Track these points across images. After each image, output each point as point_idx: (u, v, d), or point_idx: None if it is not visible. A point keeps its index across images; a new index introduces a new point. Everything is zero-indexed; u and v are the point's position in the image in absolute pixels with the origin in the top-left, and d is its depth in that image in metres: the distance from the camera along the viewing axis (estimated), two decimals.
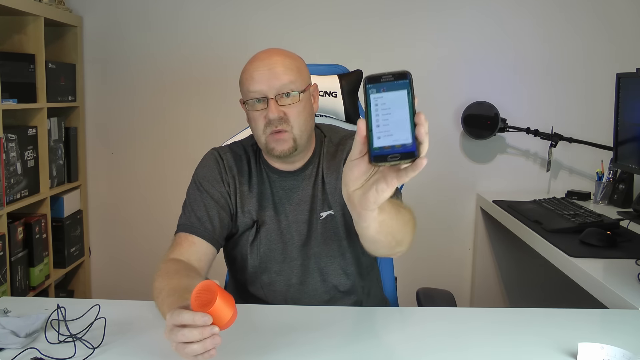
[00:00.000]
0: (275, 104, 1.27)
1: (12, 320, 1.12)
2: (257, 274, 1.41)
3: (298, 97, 1.29)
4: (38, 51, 2.38)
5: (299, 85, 1.30)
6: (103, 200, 2.89)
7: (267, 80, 1.27)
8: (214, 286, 0.95)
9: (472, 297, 2.85)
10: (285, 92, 1.28)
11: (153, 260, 1.28)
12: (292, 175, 1.39)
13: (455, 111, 2.77)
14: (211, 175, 1.39)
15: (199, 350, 0.93)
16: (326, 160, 1.40)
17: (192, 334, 0.92)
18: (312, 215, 1.39)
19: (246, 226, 1.39)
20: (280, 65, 1.29)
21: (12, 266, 2.20)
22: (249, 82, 1.29)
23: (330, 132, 1.46)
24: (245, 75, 1.31)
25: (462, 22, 2.73)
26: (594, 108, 2.74)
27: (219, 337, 0.94)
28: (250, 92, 1.29)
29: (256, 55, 1.33)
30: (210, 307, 0.93)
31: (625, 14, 2.70)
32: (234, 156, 1.42)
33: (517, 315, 1.32)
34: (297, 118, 1.30)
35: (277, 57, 1.31)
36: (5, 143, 2.17)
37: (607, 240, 1.74)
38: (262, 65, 1.29)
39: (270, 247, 1.39)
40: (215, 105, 2.80)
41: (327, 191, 1.38)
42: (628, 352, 0.98)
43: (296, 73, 1.30)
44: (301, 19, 2.74)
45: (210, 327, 0.92)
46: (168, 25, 2.77)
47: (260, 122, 1.30)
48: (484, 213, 2.73)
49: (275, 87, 1.27)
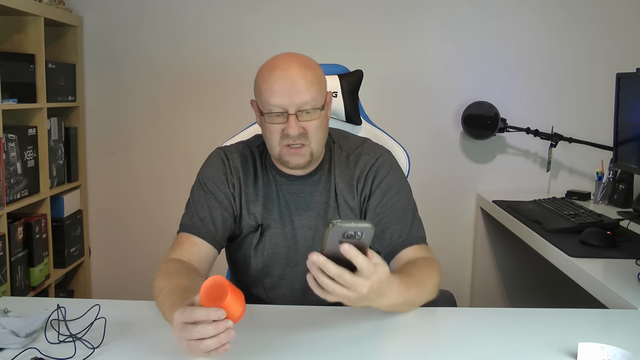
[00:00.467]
0: (295, 120, 1.25)
1: (12, 320, 1.12)
2: (260, 277, 1.41)
3: (318, 114, 1.27)
4: (38, 51, 2.38)
5: (320, 102, 1.28)
6: (103, 200, 2.89)
7: (288, 95, 1.24)
8: (224, 281, 0.95)
9: (472, 297, 2.85)
10: (306, 110, 1.26)
11: (153, 260, 1.28)
12: (301, 180, 1.38)
13: (455, 111, 2.77)
14: (216, 176, 1.38)
15: (214, 345, 0.93)
16: (337, 168, 1.39)
17: (206, 329, 0.92)
18: (320, 222, 1.38)
19: (250, 229, 1.38)
20: (302, 79, 1.25)
21: (12, 266, 2.20)
22: (269, 94, 1.25)
23: (339, 138, 1.45)
24: (264, 85, 1.26)
25: (462, 21, 2.73)
26: (594, 108, 2.74)
27: (233, 331, 0.94)
28: (270, 106, 1.25)
29: (276, 63, 1.27)
30: (223, 302, 0.92)
31: (626, 14, 2.70)
32: (241, 157, 1.40)
33: (517, 315, 1.32)
34: (315, 133, 1.28)
35: (298, 68, 1.25)
36: (5, 143, 2.17)
37: (607, 240, 1.74)
38: (283, 77, 1.24)
39: (274, 251, 1.38)
40: (215, 105, 2.80)
41: (339, 202, 1.37)
42: (628, 352, 0.98)
43: (317, 88, 1.27)
44: (301, 19, 2.74)
45: (224, 321, 0.92)
46: (168, 25, 2.77)
47: (277, 134, 1.28)
48: (484, 213, 2.73)
49: (296, 103, 1.24)
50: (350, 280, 0.96)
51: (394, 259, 1.33)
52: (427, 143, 2.79)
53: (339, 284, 0.96)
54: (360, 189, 1.38)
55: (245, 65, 2.73)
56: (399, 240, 1.32)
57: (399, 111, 2.79)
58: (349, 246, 0.94)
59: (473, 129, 2.69)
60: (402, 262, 1.30)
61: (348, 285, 0.96)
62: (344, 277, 0.95)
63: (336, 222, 0.92)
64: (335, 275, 0.95)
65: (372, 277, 0.98)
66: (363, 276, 0.97)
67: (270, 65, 1.28)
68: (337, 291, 0.97)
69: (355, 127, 1.70)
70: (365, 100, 1.82)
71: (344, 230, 0.93)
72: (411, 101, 2.78)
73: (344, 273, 0.95)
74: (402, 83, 2.77)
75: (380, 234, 1.34)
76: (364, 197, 1.38)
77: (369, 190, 1.37)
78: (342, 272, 0.95)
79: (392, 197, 1.36)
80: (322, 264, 0.94)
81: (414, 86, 2.77)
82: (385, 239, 1.33)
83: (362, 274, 0.96)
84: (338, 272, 0.95)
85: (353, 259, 0.95)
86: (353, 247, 0.94)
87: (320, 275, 0.96)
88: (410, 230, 1.34)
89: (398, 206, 1.35)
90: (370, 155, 1.40)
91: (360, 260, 0.95)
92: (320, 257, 0.94)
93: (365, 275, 0.97)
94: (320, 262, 0.94)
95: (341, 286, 0.96)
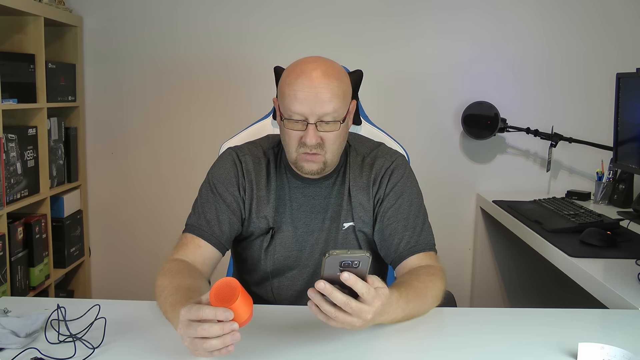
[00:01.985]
0: (314, 129, 1.25)
1: (12, 320, 1.12)
2: (269, 279, 1.40)
3: (338, 126, 1.27)
4: (38, 51, 2.38)
5: (341, 114, 1.27)
6: (103, 200, 2.89)
7: (310, 105, 1.23)
8: (235, 283, 0.94)
9: (472, 297, 2.86)
10: (326, 121, 1.25)
11: (153, 260, 1.29)
12: (315, 183, 1.38)
13: (455, 111, 2.77)
14: (226, 178, 1.37)
15: (218, 346, 0.93)
16: (352, 171, 1.39)
17: (212, 329, 0.92)
18: (333, 224, 1.38)
19: (261, 231, 1.38)
20: (327, 90, 1.23)
21: (12, 266, 2.20)
22: (292, 100, 1.24)
23: (354, 142, 1.44)
24: (288, 91, 1.25)
25: (462, 22, 2.73)
26: (594, 108, 2.74)
27: (238, 333, 0.93)
28: (292, 112, 1.25)
29: (303, 69, 1.25)
30: (232, 304, 0.92)
31: (625, 14, 2.70)
32: (253, 159, 1.39)
33: (517, 315, 1.32)
34: (332, 144, 1.28)
35: (324, 79, 1.23)
36: (5, 143, 2.17)
37: (607, 240, 1.74)
38: (308, 86, 1.23)
39: (284, 254, 1.38)
40: (215, 105, 2.80)
41: (352, 204, 1.37)
42: (628, 352, 0.98)
43: (341, 100, 1.26)
44: (302, 19, 2.73)
45: (230, 322, 0.92)
46: (168, 25, 2.77)
47: (295, 140, 1.28)
48: (484, 213, 2.73)
49: (317, 114, 1.24)
50: (356, 308, 0.96)
51: (400, 265, 1.33)
52: (427, 143, 2.79)
53: (344, 311, 0.96)
54: (375, 192, 1.38)
55: (246, 65, 2.75)
56: (407, 247, 1.32)
57: (399, 111, 2.79)
58: (348, 274, 0.94)
59: (473, 129, 2.69)
60: (407, 269, 1.30)
61: (354, 312, 0.96)
62: (350, 305, 0.96)
63: (332, 252, 0.93)
64: (342, 303, 0.95)
65: (375, 303, 0.98)
66: (367, 303, 0.97)
67: (297, 70, 1.26)
68: (340, 318, 0.97)
69: (355, 127, 1.70)
70: (365, 100, 1.82)
71: (341, 260, 0.94)
72: (411, 101, 2.78)
73: (350, 301, 0.96)
74: (402, 83, 2.77)
75: (389, 239, 1.34)
76: (378, 200, 1.38)
77: (383, 193, 1.37)
78: (349, 300, 0.95)
79: (404, 202, 1.36)
80: (328, 292, 0.94)
81: (414, 86, 2.77)
82: (393, 245, 1.34)
83: (365, 300, 0.97)
84: (344, 300, 0.95)
85: (353, 286, 0.95)
86: (353, 275, 0.94)
87: (323, 304, 0.96)
88: (419, 237, 1.34)
89: (409, 212, 1.35)
90: (385, 159, 1.40)
91: (361, 287, 0.95)
92: (327, 285, 0.94)
93: (368, 301, 0.97)
94: (327, 290, 0.94)
95: (345, 313, 0.97)
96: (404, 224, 1.34)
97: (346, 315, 0.97)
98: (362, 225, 1.38)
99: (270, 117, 1.72)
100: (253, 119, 1.75)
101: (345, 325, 0.99)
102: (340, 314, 0.97)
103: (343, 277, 0.94)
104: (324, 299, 0.96)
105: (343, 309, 0.96)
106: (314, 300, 0.97)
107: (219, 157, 1.43)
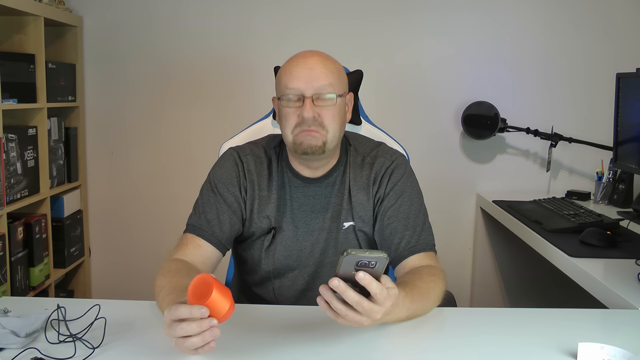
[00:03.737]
0: (311, 103, 1.26)
1: (12, 320, 1.12)
2: (270, 279, 1.40)
3: (335, 100, 1.28)
4: (38, 51, 2.38)
5: (337, 89, 1.28)
6: (103, 200, 2.89)
7: (306, 79, 1.26)
8: (209, 279, 0.95)
9: (472, 297, 2.86)
10: (323, 97, 1.26)
11: (153, 260, 1.29)
12: (315, 182, 1.38)
13: (455, 111, 2.77)
14: (227, 178, 1.37)
15: (199, 344, 0.94)
16: (352, 170, 1.39)
17: (190, 327, 0.93)
18: (333, 224, 1.38)
19: (262, 231, 1.38)
20: (321, 66, 1.27)
21: (12, 266, 2.20)
22: (287, 78, 1.27)
23: (354, 141, 1.45)
24: (283, 71, 1.30)
25: (462, 21, 2.73)
26: (594, 108, 2.74)
27: (217, 329, 0.94)
28: (288, 89, 1.27)
29: (298, 54, 1.32)
30: (207, 300, 0.93)
31: (625, 14, 2.70)
32: (255, 159, 1.39)
33: (517, 315, 1.32)
34: (331, 122, 1.28)
35: (318, 57, 1.30)
36: (5, 143, 2.17)
37: (607, 240, 1.74)
38: (302, 63, 1.28)
39: (285, 254, 1.38)
40: (215, 106, 2.80)
41: (353, 203, 1.37)
42: (628, 352, 0.98)
43: (336, 76, 1.29)
44: (302, 19, 2.74)
45: (208, 319, 0.93)
46: (168, 25, 2.77)
47: (292, 119, 1.28)
48: (484, 213, 2.73)
49: (313, 86, 1.26)
50: (367, 307, 0.96)
51: (399, 264, 1.33)
52: (427, 143, 2.79)
53: (354, 310, 0.96)
54: (375, 191, 1.38)
55: (247, 65, 2.75)
56: (407, 247, 1.32)
57: (399, 111, 2.79)
58: (364, 274, 0.94)
59: (473, 129, 2.69)
60: (407, 269, 1.30)
61: (364, 312, 0.96)
62: (362, 304, 0.96)
63: (351, 251, 0.92)
64: (354, 303, 0.95)
65: (386, 303, 0.98)
66: (378, 303, 0.97)
67: (292, 57, 1.32)
68: (350, 317, 0.97)
69: (355, 127, 1.70)
70: (365, 100, 1.82)
71: (359, 259, 0.93)
72: (411, 101, 2.78)
73: (362, 300, 0.95)
74: (402, 83, 2.77)
75: (389, 238, 1.34)
76: (379, 199, 1.38)
77: (383, 192, 1.37)
78: (361, 300, 0.95)
79: (404, 201, 1.36)
80: (342, 290, 0.94)
81: (414, 86, 2.77)
82: (393, 244, 1.34)
83: (376, 300, 0.97)
84: (357, 299, 0.95)
85: (367, 286, 0.95)
86: (368, 275, 0.94)
87: (334, 301, 0.96)
88: (420, 236, 1.34)
89: (409, 211, 1.35)
90: (386, 158, 1.40)
91: (375, 287, 0.95)
92: (341, 283, 0.94)
93: (380, 302, 0.97)
94: (341, 287, 0.94)
95: (355, 312, 0.97)
96: (404, 224, 1.34)
97: (356, 314, 0.97)
98: (362, 224, 1.38)
99: (270, 117, 1.72)
100: (253, 119, 1.75)
101: (352, 324, 0.99)
102: (350, 312, 0.96)
103: (358, 277, 0.94)
104: (335, 296, 0.96)
105: (354, 308, 0.96)
106: (324, 296, 0.97)
107: (220, 157, 1.43)
